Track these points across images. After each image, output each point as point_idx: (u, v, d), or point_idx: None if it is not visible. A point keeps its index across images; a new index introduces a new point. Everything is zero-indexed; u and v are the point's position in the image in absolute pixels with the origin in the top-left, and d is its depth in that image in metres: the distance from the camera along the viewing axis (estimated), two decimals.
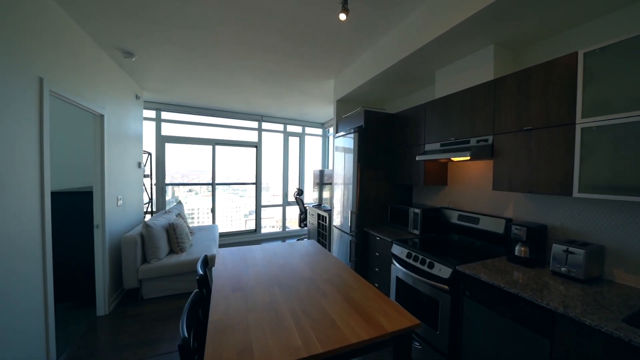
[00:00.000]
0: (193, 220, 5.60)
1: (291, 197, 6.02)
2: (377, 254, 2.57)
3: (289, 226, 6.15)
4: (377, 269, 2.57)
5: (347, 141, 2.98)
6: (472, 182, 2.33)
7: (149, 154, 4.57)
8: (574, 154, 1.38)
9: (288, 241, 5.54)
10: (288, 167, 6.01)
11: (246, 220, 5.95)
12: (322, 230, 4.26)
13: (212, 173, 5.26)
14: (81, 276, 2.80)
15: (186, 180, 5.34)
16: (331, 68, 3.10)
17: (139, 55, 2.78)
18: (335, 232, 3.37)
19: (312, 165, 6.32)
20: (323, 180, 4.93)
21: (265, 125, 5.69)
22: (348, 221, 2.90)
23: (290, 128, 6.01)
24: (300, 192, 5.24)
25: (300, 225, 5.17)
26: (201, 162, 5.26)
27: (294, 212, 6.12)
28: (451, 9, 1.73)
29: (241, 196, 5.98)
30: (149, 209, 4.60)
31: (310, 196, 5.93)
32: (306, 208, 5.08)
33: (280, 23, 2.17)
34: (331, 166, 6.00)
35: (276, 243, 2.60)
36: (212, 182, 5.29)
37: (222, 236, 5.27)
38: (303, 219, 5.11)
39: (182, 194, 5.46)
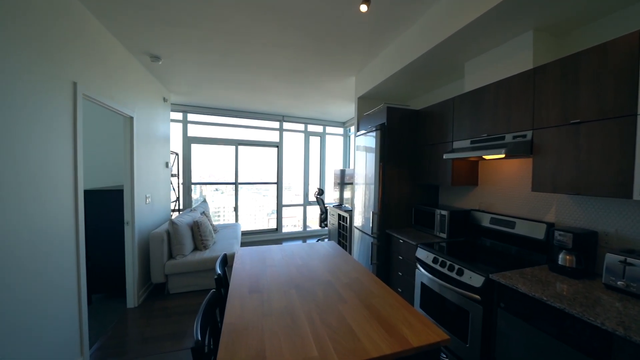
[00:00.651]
0: (219, 218, 5.76)
1: (312, 197, 5.99)
2: (400, 258, 2.44)
3: (310, 226, 6.13)
4: (400, 273, 2.44)
5: (369, 140, 2.88)
6: (507, 183, 2.14)
7: (176, 154, 4.76)
8: (635, 150, 1.19)
9: (308, 241, 5.53)
10: (309, 167, 5.99)
11: (269, 218, 6.02)
12: (343, 230, 4.18)
13: (235, 173, 5.38)
14: (113, 269, 2.95)
15: (212, 179, 5.50)
16: (352, 65, 3.02)
17: (166, 58, 2.88)
18: (356, 233, 3.28)
19: (333, 165, 6.25)
20: (344, 180, 4.85)
21: (286, 125, 5.71)
22: (369, 222, 2.80)
23: (311, 128, 5.99)
24: (320, 192, 5.19)
25: (320, 225, 5.13)
26: (225, 162, 5.40)
27: (315, 212, 6.09)
28: None
29: (264, 195, 6.07)
30: (177, 207, 4.80)
31: (331, 196, 5.87)
32: (327, 208, 5.03)
33: (300, 21, 2.13)
34: (352, 166, 5.91)
35: (295, 243, 2.58)
36: (235, 182, 5.40)
37: (245, 234, 5.37)
38: (324, 219, 5.06)
39: (209, 193, 5.64)
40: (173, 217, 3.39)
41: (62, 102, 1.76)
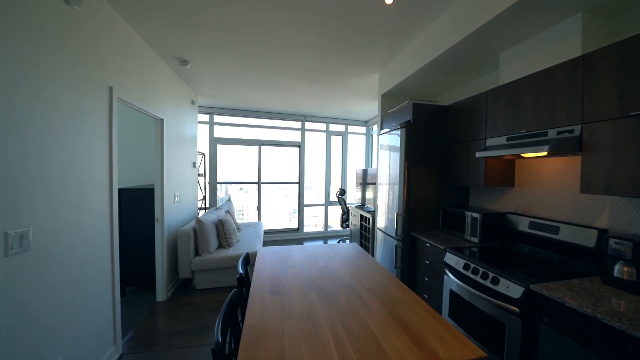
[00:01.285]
0: (243, 216, 5.90)
1: (333, 197, 5.94)
2: (427, 262, 2.32)
3: (331, 226, 6.09)
4: (427, 279, 2.32)
5: (393, 138, 2.77)
6: (549, 183, 1.94)
7: (203, 155, 4.95)
8: None
9: (329, 242, 5.48)
10: (330, 167, 5.95)
11: (290, 218, 6.06)
12: (365, 232, 4.08)
13: (258, 172, 5.48)
14: (145, 264, 3.11)
15: (236, 179, 5.65)
16: (376, 62, 2.92)
17: (193, 62, 2.98)
18: (379, 235, 3.18)
19: (355, 164, 6.15)
20: (366, 180, 4.74)
21: (308, 125, 5.71)
22: (393, 224, 2.69)
23: (332, 127, 5.94)
24: (342, 192, 5.13)
25: (342, 225, 5.06)
26: (249, 162, 5.52)
27: (336, 212, 6.03)
28: None
29: (286, 195, 6.12)
30: (204, 206, 4.98)
31: (352, 196, 5.78)
32: (348, 208, 4.95)
33: (322, 18, 2.09)
34: (375, 165, 5.77)
35: (316, 244, 2.54)
36: (258, 181, 5.50)
37: (267, 233, 5.44)
38: (345, 220, 4.99)
39: (234, 192, 5.80)
40: (199, 215, 3.51)
41: (100, 106, 1.86)
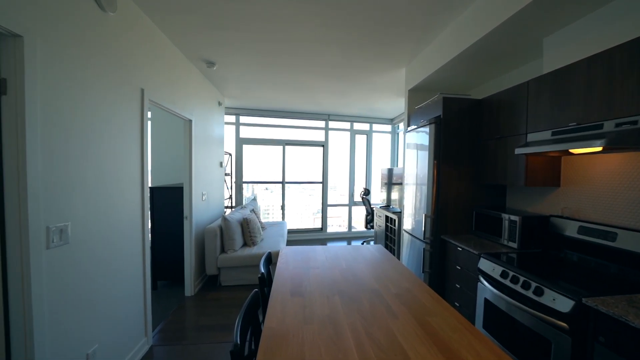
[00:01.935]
0: (268, 215, 6.01)
1: (357, 197, 5.83)
2: (458, 268, 2.16)
3: (355, 226, 5.98)
4: (458, 286, 2.16)
5: (421, 135, 2.62)
6: (603, 183, 1.71)
7: (230, 155, 5.09)
8: None
9: (353, 243, 5.38)
10: (354, 166, 5.85)
11: (314, 218, 6.05)
12: (390, 233, 3.94)
13: (282, 172, 5.53)
14: (175, 259, 3.24)
15: (261, 179, 5.75)
16: (402, 55, 2.79)
17: (219, 64, 3.06)
18: (405, 237, 3.04)
19: (380, 164, 5.99)
20: (392, 179, 4.58)
21: (331, 124, 5.66)
22: (421, 226, 2.55)
23: (357, 126, 5.83)
24: (367, 192, 5.01)
25: (366, 226, 4.94)
26: (273, 162, 5.59)
27: (360, 213, 5.91)
28: None
29: (310, 195, 6.13)
30: (230, 204, 5.13)
31: (377, 196, 5.63)
32: (373, 209, 4.82)
33: (346, 12, 2.03)
34: (401, 164, 5.57)
35: (340, 245, 2.48)
36: (282, 181, 5.55)
37: (291, 233, 5.47)
38: (369, 220, 4.87)
39: (260, 192, 5.92)
40: (226, 214, 3.61)
41: (132, 107, 1.96)
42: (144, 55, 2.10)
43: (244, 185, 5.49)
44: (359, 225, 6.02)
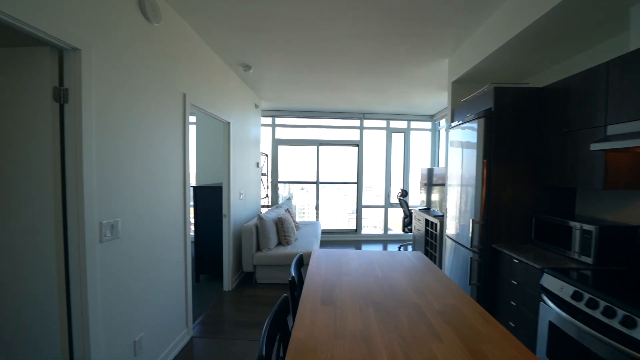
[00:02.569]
0: (304, 215, 6.05)
1: (394, 199, 5.57)
2: (514, 283, 1.88)
3: (391, 229, 5.71)
4: (514, 303, 1.88)
5: (467, 132, 2.37)
6: None
7: (266, 155, 5.23)
8: None
9: (389, 246, 5.14)
10: (391, 166, 5.59)
11: (349, 218, 5.94)
12: (431, 238, 3.66)
13: (317, 172, 5.51)
14: (216, 255, 3.37)
15: (296, 179, 5.82)
16: (445, 45, 2.55)
17: (255, 66, 3.12)
18: (448, 244, 2.78)
19: (419, 163, 5.64)
20: (432, 180, 4.27)
21: (366, 122, 5.48)
22: (468, 232, 2.30)
23: (393, 124, 5.57)
24: (404, 194, 4.75)
25: (403, 229, 4.68)
26: (308, 162, 5.61)
27: (397, 215, 5.63)
28: None
29: (344, 195, 6.03)
30: (267, 204, 5.27)
31: (416, 198, 5.31)
32: (411, 211, 4.54)
33: (381, 2, 1.89)
34: (443, 164, 5.18)
35: (374, 250, 2.35)
36: (317, 181, 5.54)
37: (324, 233, 5.42)
38: (407, 224, 4.60)
39: (296, 191, 6.00)
40: (261, 213, 3.69)
41: (176, 111, 2.07)
42: (186, 61, 2.20)
43: (281, 184, 5.59)
44: (395, 227, 5.74)
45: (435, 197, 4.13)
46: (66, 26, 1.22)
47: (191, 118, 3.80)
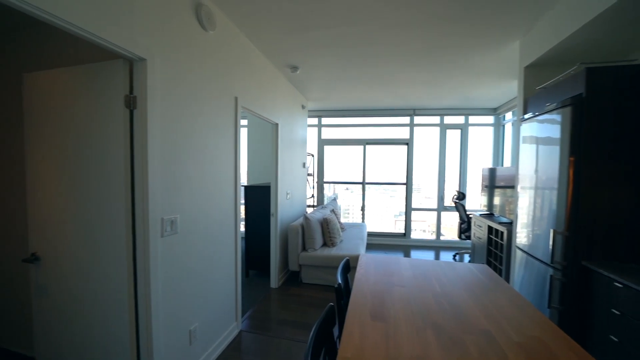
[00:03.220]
0: (349, 215, 5.96)
1: (448, 201, 5.09)
2: (617, 313, 1.50)
3: (444, 234, 5.23)
4: (615, 339, 1.50)
5: (544, 125, 1.99)
6: None
7: (312, 155, 5.26)
8: None
9: (442, 254, 4.70)
10: (445, 166, 5.12)
11: (395, 220, 5.64)
12: (495, 248, 3.22)
13: (363, 172, 5.35)
14: (264, 252, 3.45)
15: (342, 179, 5.74)
16: (514, 25, 2.18)
17: (302, 67, 3.13)
18: (518, 256, 2.39)
19: (479, 162, 5.05)
20: (494, 182, 3.77)
21: (417, 119, 5.12)
22: (546, 244, 1.93)
23: (448, 119, 5.09)
24: (461, 196, 4.29)
25: (460, 236, 4.24)
26: (354, 162, 5.49)
27: (451, 219, 5.13)
28: None
29: (391, 196, 5.75)
30: (313, 203, 5.30)
31: (475, 201, 4.77)
32: (469, 216, 4.08)
33: None
34: (507, 163, 4.55)
35: (428, 258, 2.13)
36: (363, 181, 5.37)
37: (370, 235, 5.23)
38: (464, 230, 4.14)
39: (341, 192, 5.93)
40: (307, 213, 3.70)
41: (229, 114, 2.17)
42: (237, 66, 2.29)
43: (326, 185, 5.58)
44: (448, 232, 5.24)
45: (497, 201, 3.63)
46: (135, 37, 1.33)
47: (243, 121, 4.01)
